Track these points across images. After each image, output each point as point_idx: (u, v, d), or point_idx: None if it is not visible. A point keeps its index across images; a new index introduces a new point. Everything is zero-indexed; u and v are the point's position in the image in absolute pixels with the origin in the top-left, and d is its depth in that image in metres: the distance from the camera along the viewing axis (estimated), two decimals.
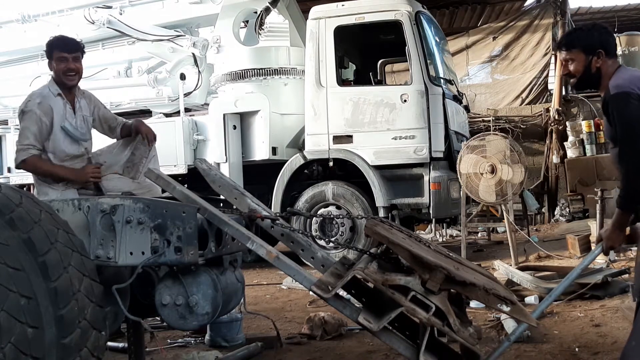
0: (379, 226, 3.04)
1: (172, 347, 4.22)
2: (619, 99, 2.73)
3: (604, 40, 2.92)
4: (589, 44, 2.90)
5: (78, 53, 3.83)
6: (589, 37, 2.93)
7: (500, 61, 14.12)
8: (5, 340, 2.17)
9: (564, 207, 12.44)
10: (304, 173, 8.11)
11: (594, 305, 4.80)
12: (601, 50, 2.88)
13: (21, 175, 8.24)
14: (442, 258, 2.88)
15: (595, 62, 2.89)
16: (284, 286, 6.50)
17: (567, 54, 2.97)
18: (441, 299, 2.56)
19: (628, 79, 2.78)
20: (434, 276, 2.55)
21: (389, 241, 2.77)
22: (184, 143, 8.08)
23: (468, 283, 2.57)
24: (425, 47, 7.62)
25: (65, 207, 2.83)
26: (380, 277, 2.62)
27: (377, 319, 2.56)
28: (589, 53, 2.89)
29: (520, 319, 2.73)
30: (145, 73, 9.09)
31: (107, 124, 4.04)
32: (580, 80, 2.99)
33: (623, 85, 2.75)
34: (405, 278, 2.62)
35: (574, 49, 2.94)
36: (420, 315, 2.50)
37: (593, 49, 2.89)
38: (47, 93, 3.77)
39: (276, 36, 8.58)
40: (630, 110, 2.70)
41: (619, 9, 14.99)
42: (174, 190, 3.15)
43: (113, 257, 2.79)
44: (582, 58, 2.91)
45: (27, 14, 9.41)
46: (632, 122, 2.70)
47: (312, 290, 2.67)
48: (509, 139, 7.38)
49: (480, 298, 2.62)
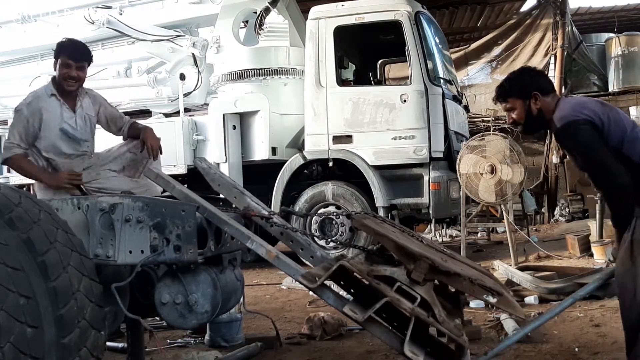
0: (367, 219, 3.05)
1: (172, 347, 4.22)
2: (566, 129, 2.75)
3: (535, 82, 2.95)
4: (522, 90, 2.93)
5: (84, 63, 3.81)
6: (520, 84, 2.96)
7: (500, 62, 14.14)
8: (4, 340, 2.17)
9: (564, 207, 12.46)
10: (304, 173, 8.11)
11: (594, 305, 4.79)
12: (536, 92, 2.90)
13: (21, 175, 8.22)
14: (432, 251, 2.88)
15: (534, 104, 2.91)
16: (284, 286, 6.50)
17: (506, 104, 3.00)
18: (426, 290, 2.56)
19: (570, 108, 2.80)
20: (419, 266, 2.56)
21: (375, 232, 2.78)
22: (183, 143, 8.08)
23: (452, 273, 2.58)
24: (425, 47, 7.62)
25: (65, 206, 2.82)
26: (365, 268, 2.65)
27: (363, 310, 2.56)
28: (525, 97, 2.92)
29: (507, 310, 2.73)
30: (145, 73, 9.09)
31: (114, 123, 4.02)
32: (526, 126, 3.00)
33: (567, 116, 2.76)
34: (391, 269, 2.64)
35: (510, 97, 2.97)
36: (405, 305, 2.50)
37: (528, 92, 2.91)
38: (41, 93, 3.78)
39: (276, 36, 8.58)
40: (582, 136, 2.71)
41: (619, 9, 15.01)
42: (174, 189, 3.15)
43: (112, 256, 2.79)
44: (520, 104, 2.94)
45: (27, 14, 9.41)
46: (588, 146, 2.71)
47: (299, 281, 2.68)
48: (509, 139, 7.38)
49: (465, 288, 2.62)
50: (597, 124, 2.72)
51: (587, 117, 2.72)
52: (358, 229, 2.95)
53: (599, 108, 2.78)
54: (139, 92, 9.06)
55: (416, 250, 2.62)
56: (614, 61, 13.63)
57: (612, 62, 13.67)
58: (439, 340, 2.87)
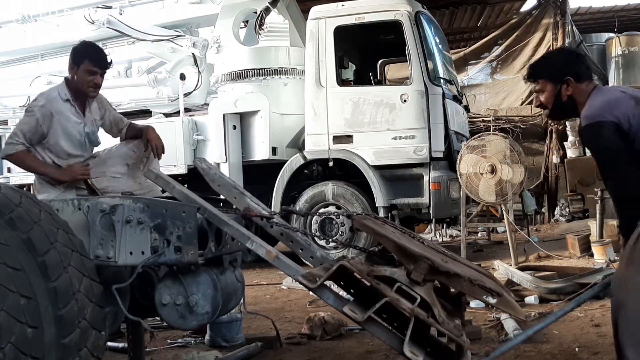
0: (368, 220, 3.06)
1: (172, 347, 4.22)
2: (591, 130, 2.61)
3: (571, 66, 2.76)
4: (555, 72, 2.76)
5: (107, 70, 3.82)
6: (555, 66, 2.79)
7: (500, 62, 14.15)
8: (4, 340, 2.17)
9: (564, 207, 12.45)
10: (304, 173, 8.11)
11: (594, 305, 4.79)
12: (569, 77, 2.73)
13: (21, 175, 8.24)
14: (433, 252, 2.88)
15: (565, 90, 2.74)
16: (284, 286, 6.50)
17: (535, 85, 2.83)
18: (426, 290, 2.56)
19: (599, 107, 2.63)
20: (418, 266, 2.56)
21: (374, 232, 2.78)
22: (183, 143, 8.08)
23: (452, 274, 2.57)
24: (425, 47, 7.62)
25: (65, 207, 2.83)
26: (365, 268, 2.64)
27: (363, 310, 2.56)
28: (557, 81, 2.75)
29: (507, 311, 2.74)
30: (145, 73, 9.08)
31: (117, 125, 4.01)
32: (553, 111, 2.85)
33: (593, 115, 2.61)
34: (391, 269, 2.64)
35: (541, 79, 2.80)
36: (405, 305, 2.50)
37: (561, 77, 2.74)
38: (54, 96, 3.71)
39: (276, 36, 8.57)
40: (603, 141, 2.57)
41: (619, 9, 15.01)
42: (174, 189, 3.15)
43: (113, 257, 2.79)
44: (551, 87, 2.77)
45: (27, 14, 9.40)
46: (606, 150, 2.58)
47: (298, 281, 2.67)
48: (509, 139, 7.38)
49: (464, 289, 2.61)
50: (624, 127, 2.56)
51: (614, 120, 2.55)
52: (358, 229, 2.95)
53: (631, 109, 2.60)
54: (139, 92, 9.06)
55: (416, 250, 2.62)
56: (614, 61, 13.64)
57: (612, 62, 13.68)
58: (440, 341, 2.87)
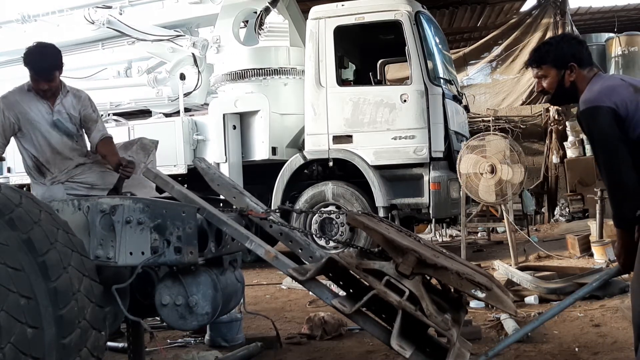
0: (362, 216, 3.07)
1: (172, 347, 4.22)
2: (588, 114, 2.60)
3: (575, 52, 2.76)
4: (559, 58, 2.75)
5: (52, 75, 3.76)
6: (558, 51, 2.77)
7: (500, 62, 14.15)
8: (5, 340, 2.17)
9: (564, 207, 12.45)
10: (304, 173, 8.11)
11: (594, 305, 4.80)
12: (573, 63, 2.73)
13: (21, 175, 8.23)
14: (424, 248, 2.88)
15: (568, 76, 2.74)
16: (284, 286, 6.50)
17: (538, 71, 2.83)
18: (415, 284, 2.56)
19: (597, 92, 2.63)
20: (406, 259, 2.57)
21: (364, 226, 2.79)
22: (183, 143, 8.08)
23: (439, 266, 2.57)
24: (425, 47, 7.62)
25: (65, 207, 2.83)
26: (355, 261, 2.66)
27: (353, 303, 2.57)
28: (561, 67, 2.75)
29: (497, 306, 2.72)
30: (145, 73, 9.09)
31: (86, 124, 4.05)
32: (555, 97, 2.86)
33: (592, 99, 2.60)
34: (380, 262, 2.64)
35: (544, 64, 2.79)
36: (393, 298, 2.51)
37: (564, 62, 2.74)
38: (19, 88, 3.84)
39: (276, 36, 8.58)
40: (600, 124, 2.56)
41: (619, 9, 15.02)
42: (173, 189, 3.15)
43: (113, 257, 2.79)
44: (554, 73, 2.76)
45: (27, 14, 9.40)
46: (603, 137, 2.57)
47: (289, 274, 2.69)
48: (509, 139, 7.38)
49: (452, 282, 2.60)
50: (622, 113, 2.55)
51: (612, 106, 2.55)
52: (349, 223, 2.96)
53: (630, 95, 2.59)
54: (139, 92, 9.06)
55: (404, 243, 2.62)
56: (614, 61, 13.64)
57: (612, 62, 13.68)
58: (440, 341, 2.87)
